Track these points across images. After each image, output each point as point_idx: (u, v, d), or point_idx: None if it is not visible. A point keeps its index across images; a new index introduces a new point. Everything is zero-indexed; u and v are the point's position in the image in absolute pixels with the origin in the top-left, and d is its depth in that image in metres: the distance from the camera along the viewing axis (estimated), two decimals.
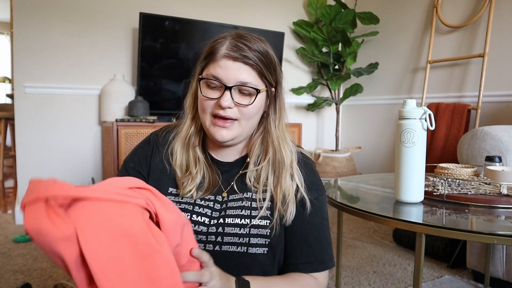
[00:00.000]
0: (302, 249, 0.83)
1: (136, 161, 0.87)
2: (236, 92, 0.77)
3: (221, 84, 0.76)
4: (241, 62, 0.75)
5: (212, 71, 0.76)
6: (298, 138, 2.92)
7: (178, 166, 0.83)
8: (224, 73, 0.75)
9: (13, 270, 1.74)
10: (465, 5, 2.57)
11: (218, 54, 0.76)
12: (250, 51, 0.76)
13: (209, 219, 0.81)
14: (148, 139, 0.89)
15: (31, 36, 2.42)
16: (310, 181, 0.85)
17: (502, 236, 0.83)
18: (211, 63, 0.77)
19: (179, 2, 2.84)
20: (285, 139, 0.84)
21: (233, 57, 0.75)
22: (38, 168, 2.48)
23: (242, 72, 0.76)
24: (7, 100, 5.57)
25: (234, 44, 0.76)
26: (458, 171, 1.18)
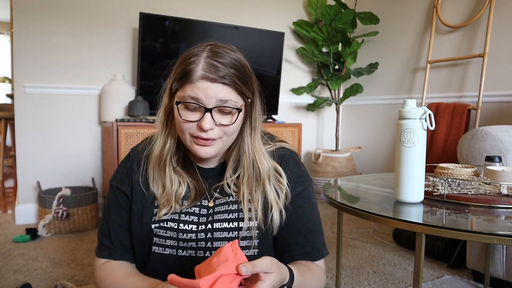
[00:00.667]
0: (297, 241, 0.86)
1: (118, 179, 0.88)
2: (216, 113, 0.76)
3: (201, 107, 0.75)
4: (219, 83, 0.74)
5: (189, 92, 0.74)
6: (298, 138, 2.92)
7: (156, 188, 0.83)
8: (203, 94, 0.74)
9: (13, 270, 1.74)
10: (465, 5, 2.57)
11: (194, 76, 0.74)
12: (226, 69, 0.74)
13: (197, 225, 0.82)
14: (128, 155, 0.90)
15: (31, 36, 2.42)
16: (295, 174, 0.87)
17: (502, 236, 0.83)
18: (188, 85, 0.75)
19: (179, 2, 2.84)
20: (260, 150, 0.84)
21: (210, 79, 0.73)
22: (38, 168, 2.49)
23: (221, 92, 0.74)
24: (7, 100, 5.57)
25: (210, 64, 0.74)
26: (458, 171, 1.18)
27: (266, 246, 0.86)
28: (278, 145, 0.90)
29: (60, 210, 2.23)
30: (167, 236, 0.82)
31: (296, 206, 0.86)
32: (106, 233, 0.87)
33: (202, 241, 0.81)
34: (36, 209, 2.47)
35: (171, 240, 0.82)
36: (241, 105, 0.78)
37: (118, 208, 0.87)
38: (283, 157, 0.88)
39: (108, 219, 0.88)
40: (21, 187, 2.48)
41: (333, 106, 3.49)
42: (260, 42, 2.90)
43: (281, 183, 0.84)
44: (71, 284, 1.58)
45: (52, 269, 1.76)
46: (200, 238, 0.81)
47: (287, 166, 0.87)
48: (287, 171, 0.86)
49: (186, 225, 0.82)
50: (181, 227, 0.82)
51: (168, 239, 0.82)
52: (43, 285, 1.60)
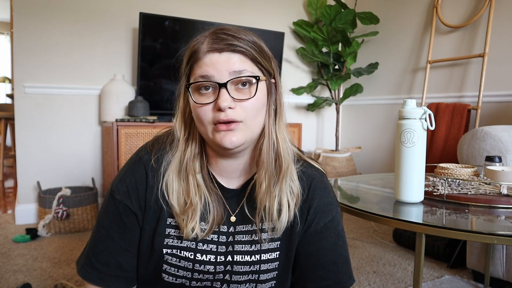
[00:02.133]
0: (318, 273, 0.76)
1: (124, 191, 0.72)
2: (232, 88, 0.65)
3: (213, 84, 0.65)
4: (229, 51, 0.64)
5: (198, 72, 0.65)
6: (298, 138, 2.92)
7: (175, 200, 0.71)
8: (212, 69, 0.64)
9: (13, 270, 1.74)
10: (465, 5, 2.57)
11: (201, 52, 0.65)
12: (236, 39, 0.65)
13: (215, 255, 0.73)
14: (139, 162, 0.74)
15: (31, 36, 2.42)
16: (324, 202, 0.76)
17: (502, 236, 0.83)
18: (196, 65, 0.66)
19: (179, 2, 2.84)
20: (284, 139, 0.73)
21: (218, 49, 0.64)
22: (38, 168, 2.49)
23: (233, 62, 0.64)
24: (7, 100, 5.57)
25: (215, 37, 0.65)
26: (458, 171, 1.18)
27: (286, 278, 0.78)
28: (309, 160, 0.80)
29: (60, 210, 2.23)
30: (181, 266, 0.72)
31: (321, 238, 0.76)
32: (101, 253, 0.73)
33: (221, 273, 0.73)
34: (36, 209, 2.47)
35: (184, 271, 0.72)
36: (262, 77, 0.68)
37: (121, 227, 0.73)
38: (314, 179, 0.77)
39: (105, 237, 0.73)
40: (21, 187, 2.48)
41: (333, 106, 3.49)
42: None
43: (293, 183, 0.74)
44: (71, 284, 1.58)
45: (52, 269, 1.76)
46: (218, 271, 0.73)
47: (317, 192, 0.76)
48: (317, 198, 0.76)
49: (203, 255, 0.72)
50: (198, 257, 0.72)
51: (182, 269, 0.72)
52: (43, 285, 1.60)
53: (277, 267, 0.75)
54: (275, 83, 0.73)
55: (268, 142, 0.70)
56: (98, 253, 0.74)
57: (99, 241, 0.74)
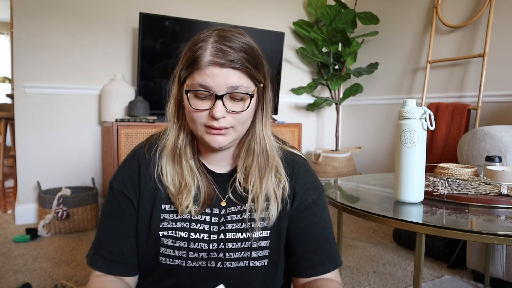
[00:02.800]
0: (313, 250, 0.81)
1: (120, 181, 0.80)
2: (227, 100, 0.71)
3: (210, 94, 0.70)
4: (229, 68, 0.70)
5: (198, 79, 0.70)
6: (298, 138, 2.92)
7: (170, 182, 0.78)
8: (212, 81, 0.69)
9: (13, 270, 1.74)
10: (465, 5, 2.57)
11: (203, 62, 0.70)
12: (236, 53, 0.70)
13: (208, 234, 0.78)
14: (133, 155, 0.82)
15: (31, 36, 2.42)
16: (310, 181, 0.84)
17: (502, 236, 0.83)
18: (196, 72, 0.71)
19: (179, 2, 2.84)
20: (269, 137, 0.80)
21: (219, 64, 0.69)
22: (38, 168, 2.49)
23: (232, 77, 0.70)
24: (7, 100, 5.57)
25: (218, 49, 0.70)
26: (458, 171, 1.18)
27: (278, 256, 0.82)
28: (290, 149, 0.86)
29: (60, 210, 2.23)
30: (176, 246, 0.77)
31: (311, 213, 0.82)
32: (105, 242, 0.79)
33: (214, 251, 0.77)
34: (36, 209, 2.47)
35: (180, 251, 0.77)
36: (253, 90, 0.73)
37: (120, 214, 0.79)
38: (297, 163, 0.84)
39: (108, 225, 0.80)
40: (21, 187, 2.48)
41: (333, 106, 3.49)
42: (260, 42, 2.86)
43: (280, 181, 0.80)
44: (71, 284, 1.58)
45: (52, 269, 1.76)
46: (212, 248, 0.77)
47: (301, 172, 0.83)
48: (302, 178, 0.83)
49: (197, 233, 0.77)
50: (192, 236, 0.77)
51: (177, 249, 0.77)
52: (43, 285, 1.60)
53: (268, 246, 0.79)
54: (264, 87, 0.78)
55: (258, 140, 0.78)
56: (103, 241, 0.80)
57: (103, 230, 0.81)
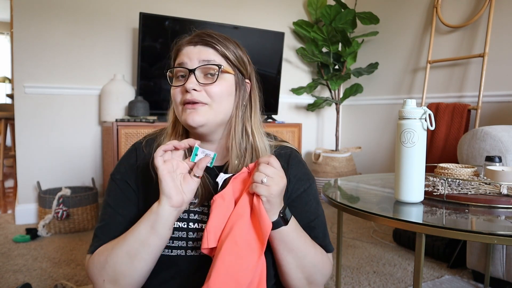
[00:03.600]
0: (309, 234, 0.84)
1: (123, 171, 0.83)
2: (201, 75, 0.77)
3: (184, 70, 0.77)
4: (202, 45, 0.77)
5: (177, 61, 0.79)
6: (298, 138, 2.92)
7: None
8: (186, 58, 0.77)
9: (13, 270, 1.74)
10: (465, 5, 2.57)
11: (181, 46, 0.79)
12: (211, 38, 0.78)
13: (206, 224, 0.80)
14: (132, 149, 0.87)
15: (31, 36, 2.42)
16: (301, 172, 0.87)
17: (502, 236, 0.83)
18: (177, 57, 0.80)
19: (179, 2, 2.84)
20: (260, 133, 0.84)
21: (194, 42, 0.78)
22: (38, 168, 2.49)
23: (204, 53, 0.77)
24: (7, 100, 5.57)
25: (196, 34, 0.79)
26: (458, 171, 1.18)
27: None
28: (281, 143, 0.90)
29: (60, 210, 2.23)
30: (175, 237, 0.78)
31: (303, 203, 0.85)
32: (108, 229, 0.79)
33: None
34: (36, 209, 2.47)
35: (179, 241, 0.79)
36: (226, 68, 0.78)
37: (124, 201, 0.81)
38: (289, 156, 0.88)
39: (112, 214, 0.80)
40: (21, 187, 2.48)
41: (333, 106, 3.49)
42: (260, 42, 2.90)
43: None
44: (71, 284, 1.58)
45: (52, 269, 1.76)
46: None
47: (293, 163, 0.87)
48: (294, 168, 0.86)
49: (195, 223, 0.80)
50: (190, 226, 0.79)
51: (176, 239, 0.78)
52: (43, 285, 1.60)
53: None
54: (251, 84, 0.84)
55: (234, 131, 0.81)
56: (105, 229, 0.79)
57: (106, 219, 0.80)
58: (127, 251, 0.71)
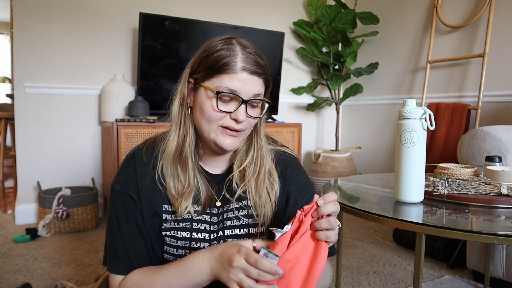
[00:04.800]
0: None
1: (122, 182, 0.81)
2: (248, 106, 0.77)
3: (237, 97, 0.75)
4: (257, 76, 0.76)
5: (227, 83, 0.73)
6: (298, 138, 2.92)
7: (172, 183, 0.80)
8: (242, 87, 0.74)
9: (13, 270, 1.74)
10: (465, 5, 2.57)
11: (235, 67, 0.74)
12: (259, 60, 0.77)
13: (209, 233, 0.81)
14: (131, 156, 0.84)
15: (31, 36, 2.42)
16: (303, 181, 0.88)
17: (502, 236, 0.83)
18: (226, 75, 0.74)
19: (179, 2, 2.84)
20: (266, 145, 0.86)
21: (250, 71, 0.75)
22: (38, 168, 2.49)
23: (257, 85, 0.76)
24: (7, 100, 5.57)
25: (247, 56, 0.75)
26: (458, 171, 1.18)
27: None
28: (281, 149, 0.91)
29: (60, 210, 2.23)
30: (179, 245, 0.80)
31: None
32: (119, 245, 0.79)
33: None
34: (36, 209, 2.47)
35: (182, 250, 0.80)
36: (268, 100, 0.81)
37: (126, 213, 0.80)
38: (289, 164, 0.88)
39: (117, 228, 0.80)
40: (21, 187, 2.48)
41: (333, 106, 3.49)
42: (260, 42, 2.90)
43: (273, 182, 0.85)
44: (71, 284, 1.58)
45: (52, 269, 1.76)
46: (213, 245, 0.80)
47: (294, 173, 0.87)
48: (294, 175, 0.87)
49: (198, 233, 0.81)
50: (194, 235, 0.80)
51: (180, 248, 0.80)
52: (43, 285, 1.60)
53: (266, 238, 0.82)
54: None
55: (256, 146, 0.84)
56: (116, 246, 0.79)
57: (113, 234, 0.80)
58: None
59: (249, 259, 0.65)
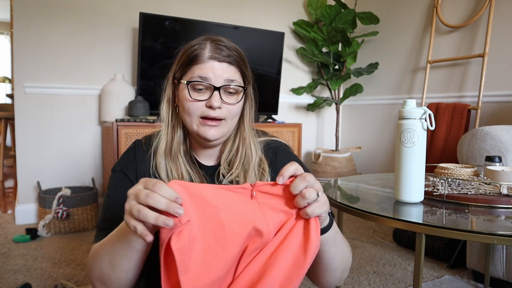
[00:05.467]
0: None
1: (123, 165, 0.85)
2: (223, 92, 0.79)
3: (209, 85, 0.78)
4: (226, 62, 0.79)
5: (198, 72, 0.78)
6: (298, 138, 2.92)
7: (165, 178, 0.82)
8: (211, 74, 0.77)
9: (13, 270, 1.74)
10: (465, 5, 2.57)
11: (203, 57, 0.78)
12: (230, 51, 0.79)
13: None
14: (132, 145, 0.89)
15: (31, 36, 2.42)
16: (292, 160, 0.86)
17: (502, 236, 0.83)
18: (196, 66, 0.78)
19: (179, 2, 2.84)
20: (253, 137, 0.87)
21: (218, 59, 0.78)
22: (38, 168, 2.49)
23: (228, 72, 0.79)
24: (7, 100, 5.57)
25: (215, 46, 0.79)
26: (458, 171, 1.18)
27: None
28: (271, 138, 0.93)
29: (60, 210, 2.23)
30: None
31: None
32: (111, 219, 0.78)
33: None
34: (36, 209, 2.47)
35: None
36: (247, 87, 0.83)
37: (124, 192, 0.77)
38: (279, 148, 0.90)
39: (113, 204, 0.81)
40: (21, 187, 2.48)
41: (333, 106, 3.49)
42: (260, 42, 2.90)
43: (264, 171, 0.85)
44: (71, 284, 1.58)
45: (52, 269, 1.76)
46: None
47: (284, 156, 0.89)
48: (282, 157, 0.88)
49: None
50: None
51: None
52: (43, 285, 1.60)
53: None
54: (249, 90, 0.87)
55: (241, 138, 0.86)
56: (107, 220, 0.80)
57: (107, 210, 0.82)
58: (109, 260, 0.69)
59: (148, 184, 0.58)
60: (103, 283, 0.71)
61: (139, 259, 0.67)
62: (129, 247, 0.65)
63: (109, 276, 0.70)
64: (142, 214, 0.56)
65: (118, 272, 0.69)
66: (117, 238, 0.68)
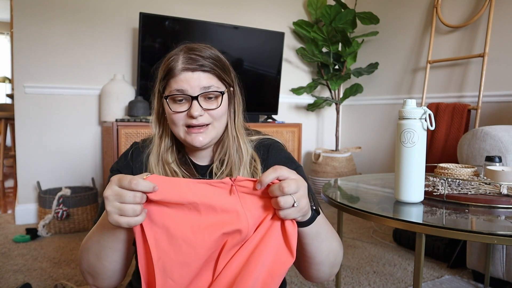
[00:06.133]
0: None
1: (120, 165, 0.90)
2: (202, 100, 0.81)
3: (186, 96, 0.81)
4: (200, 71, 0.81)
5: (174, 86, 0.81)
6: (298, 138, 2.92)
7: None
8: (186, 85, 0.80)
9: (13, 270, 1.74)
10: (465, 5, 2.57)
11: (176, 70, 0.80)
12: (204, 59, 0.81)
13: None
14: (130, 147, 0.93)
15: (31, 36, 2.42)
16: (284, 156, 0.90)
17: (502, 236, 0.83)
18: (172, 80, 0.81)
19: (179, 2, 2.84)
20: (242, 136, 0.89)
21: (191, 69, 0.80)
22: (38, 168, 2.48)
23: (203, 80, 0.80)
24: (7, 100, 5.57)
25: (188, 57, 0.81)
26: (458, 171, 1.18)
27: None
28: (263, 137, 0.94)
29: (60, 210, 2.23)
30: None
31: None
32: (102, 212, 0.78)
33: None
34: (36, 209, 2.47)
35: None
36: (224, 90, 0.84)
37: None
38: (271, 145, 0.91)
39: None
40: (21, 187, 2.48)
41: (333, 106, 3.49)
42: (260, 42, 2.90)
43: (256, 169, 0.87)
44: (71, 284, 1.58)
45: (52, 269, 1.76)
46: None
47: (274, 151, 0.90)
48: (274, 154, 0.89)
49: None
50: None
51: None
52: (43, 285, 1.60)
53: None
54: (233, 91, 0.89)
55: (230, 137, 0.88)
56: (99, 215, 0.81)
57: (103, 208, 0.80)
58: (95, 252, 0.72)
59: (123, 182, 0.59)
60: (91, 275, 0.74)
61: (124, 248, 0.70)
62: (113, 237, 0.68)
63: (95, 267, 0.72)
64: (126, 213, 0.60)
65: (104, 263, 0.71)
66: (101, 229, 0.70)
